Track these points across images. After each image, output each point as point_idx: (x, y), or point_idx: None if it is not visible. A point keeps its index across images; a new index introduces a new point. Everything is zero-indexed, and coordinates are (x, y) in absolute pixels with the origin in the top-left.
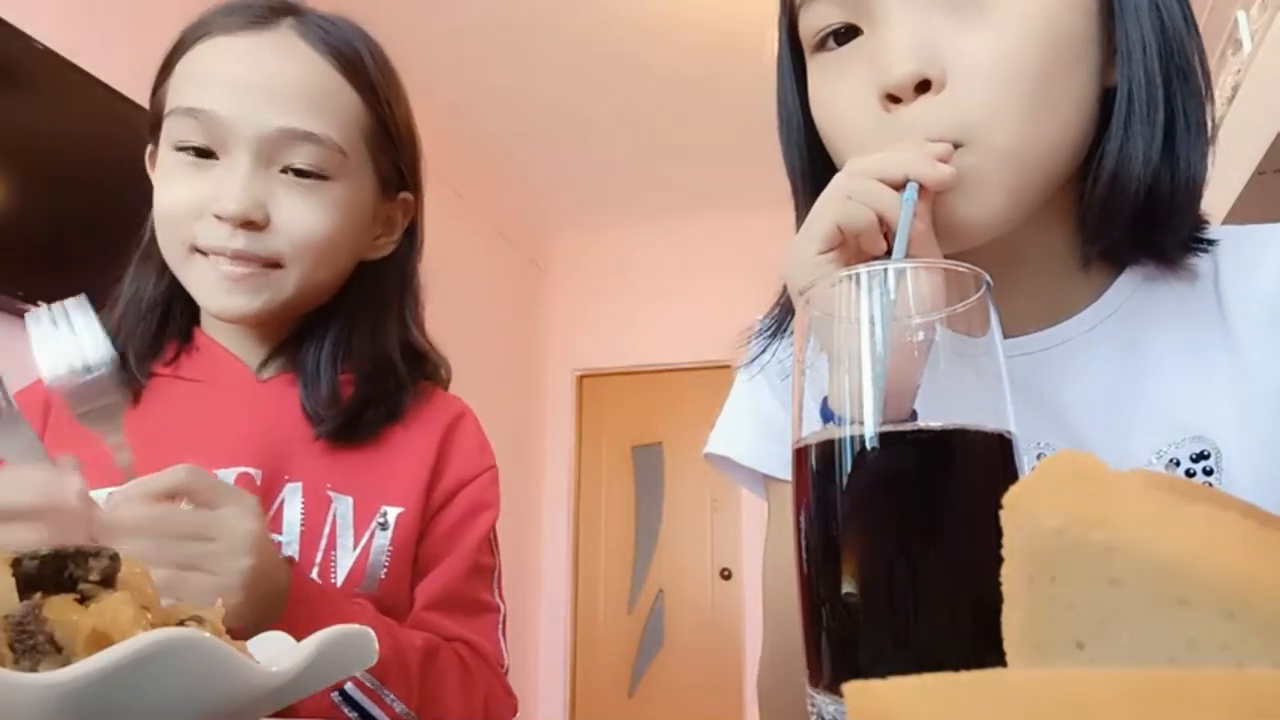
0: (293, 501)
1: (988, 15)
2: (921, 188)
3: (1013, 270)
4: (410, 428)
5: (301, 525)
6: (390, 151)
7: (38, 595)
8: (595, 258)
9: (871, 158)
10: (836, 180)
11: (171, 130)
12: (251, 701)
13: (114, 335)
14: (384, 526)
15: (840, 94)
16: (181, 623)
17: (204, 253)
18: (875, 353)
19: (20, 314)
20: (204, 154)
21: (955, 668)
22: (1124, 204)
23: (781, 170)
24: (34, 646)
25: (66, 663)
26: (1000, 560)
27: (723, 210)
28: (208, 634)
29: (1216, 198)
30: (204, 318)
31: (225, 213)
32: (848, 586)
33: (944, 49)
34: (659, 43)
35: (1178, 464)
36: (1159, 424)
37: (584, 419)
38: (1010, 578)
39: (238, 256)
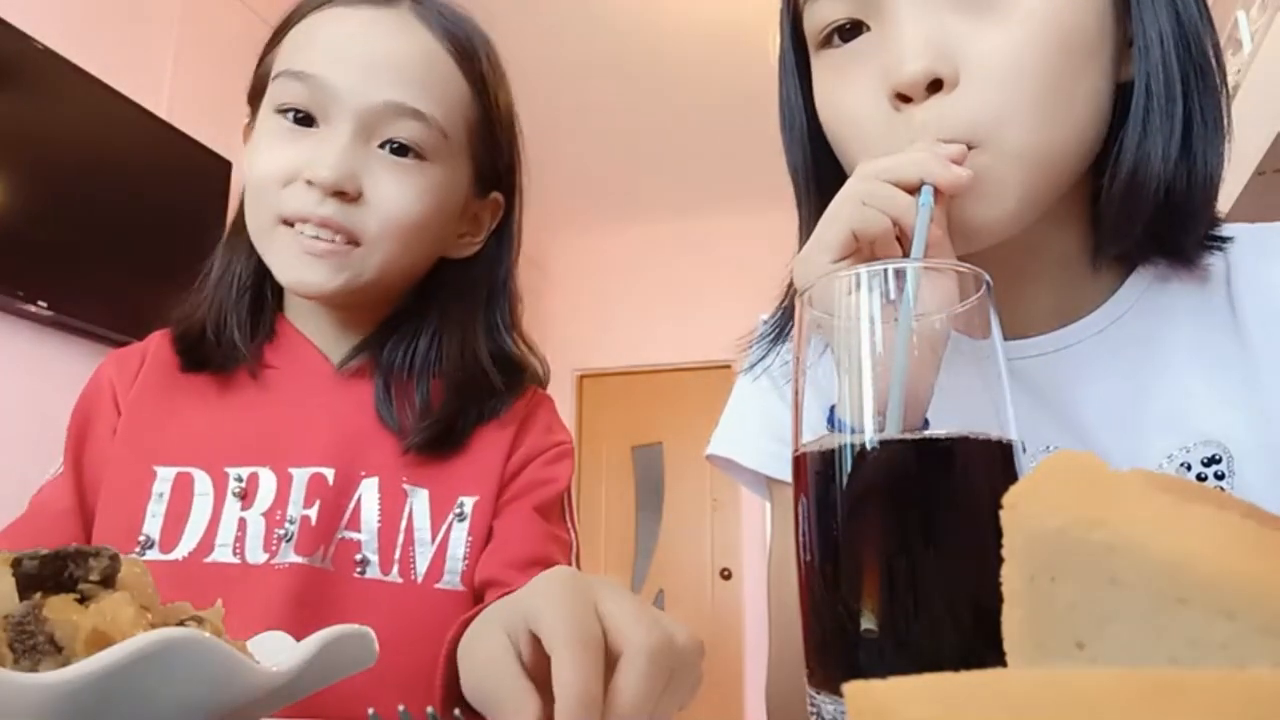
0: (369, 497)
1: (1000, 12)
2: (936, 191)
3: (1024, 271)
4: (493, 423)
5: (379, 521)
6: (491, 147)
7: (38, 595)
8: (595, 258)
9: (884, 160)
10: (850, 185)
11: (276, 93)
12: (251, 701)
13: (207, 313)
14: (461, 518)
15: (848, 93)
16: (182, 623)
17: (290, 224)
18: (899, 360)
19: (20, 314)
20: (305, 121)
21: (955, 668)
22: (1143, 202)
23: (783, 170)
24: (34, 646)
25: (66, 663)
26: (1000, 560)
27: (722, 210)
28: (208, 634)
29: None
30: (288, 306)
31: (318, 178)
32: (848, 589)
33: (956, 47)
34: (660, 44)
35: (1189, 468)
36: (1171, 427)
37: (584, 419)
38: (1010, 578)
39: (324, 224)
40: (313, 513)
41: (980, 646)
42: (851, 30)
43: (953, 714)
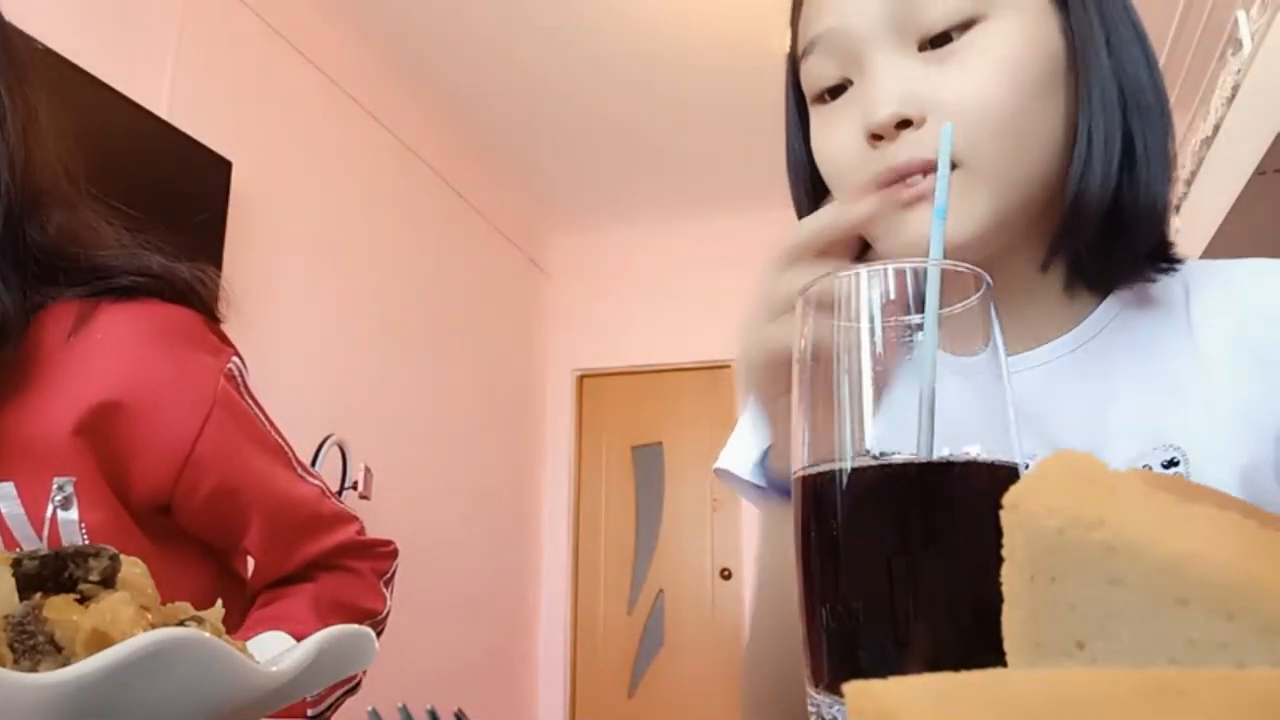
0: None
1: (959, 58)
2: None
3: (1000, 299)
4: (41, 377)
5: None
6: None
7: (38, 595)
8: (595, 258)
9: (804, 224)
10: (771, 260)
11: None
12: (251, 701)
13: None
14: (66, 505)
15: (834, 137)
16: (181, 623)
17: None
18: (927, 368)
19: None
20: None
21: (955, 668)
22: (1086, 222)
23: (781, 170)
24: (34, 646)
25: (66, 663)
26: (1000, 561)
27: (722, 210)
28: (208, 634)
29: (1217, 198)
30: None
31: None
32: (850, 590)
33: (922, 92)
34: (660, 44)
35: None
36: (1133, 434)
37: (584, 419)
38: (1010, 578)
39: None
40: None
41: (980, 646)
42: (841, 88)
43: (953, 714)
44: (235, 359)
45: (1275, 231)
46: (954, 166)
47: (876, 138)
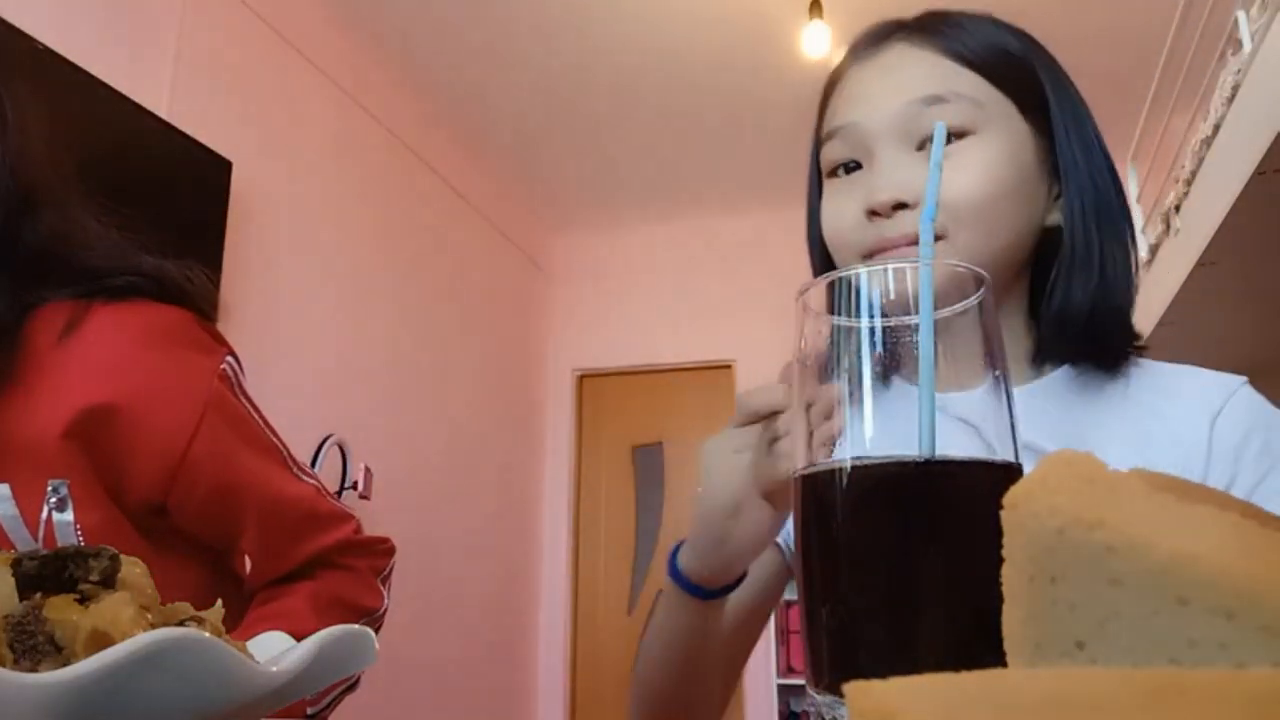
0: None
1: (954, 161)
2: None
3: None
4: (33, 379)
5: None
6: None
7: (38, 595)
8: (595, 258)
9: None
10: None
11: None
12: (251, 701)
13: None
14: (61, 506)
15: (840, 208)
16: (182, 623)
17: None
18: (925, 365)
19: None
20: None
21: (955, 668)
22: (1071, 328)
23: (782, 171)
24: (34, 646)
25: (66, 663)
26: (1000, 561)
27: (722, 210)
28: (208, 634)
29: (1217, 198)
30: None
31: None
32: (850, 591)
33: (918, 183)
34: (661, 43)
35: None
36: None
37: (584, 419)
38: (1010, 578)
39: None
40: None
41: (980, 646)
42: (851, 167)
43: (953, 714)
44: (229, 358)
45: (1275, 231)
46: (938, 238)
47: (874, 214)
